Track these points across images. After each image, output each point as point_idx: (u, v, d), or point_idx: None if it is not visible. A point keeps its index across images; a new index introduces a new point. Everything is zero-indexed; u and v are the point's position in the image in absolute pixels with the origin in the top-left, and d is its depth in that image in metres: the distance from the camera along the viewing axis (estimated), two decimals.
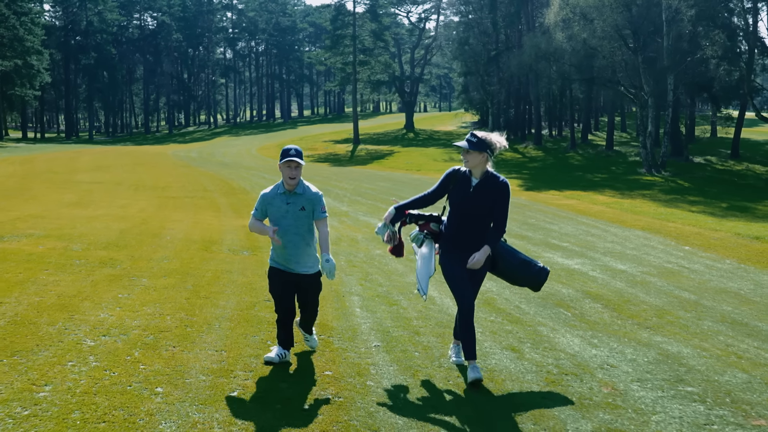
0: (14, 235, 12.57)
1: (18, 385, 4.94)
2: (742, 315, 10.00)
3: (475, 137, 5.94)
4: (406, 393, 5.45)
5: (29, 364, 5.41)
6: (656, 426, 5.10)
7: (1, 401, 4.65)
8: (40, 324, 6.50)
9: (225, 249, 12.39)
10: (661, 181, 42.25)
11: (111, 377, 5.23)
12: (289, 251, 5.97)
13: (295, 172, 5.95)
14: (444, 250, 6.07)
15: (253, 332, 6.75)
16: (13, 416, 4.44)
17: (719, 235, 19.65)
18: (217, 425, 4.51)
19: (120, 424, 4.41)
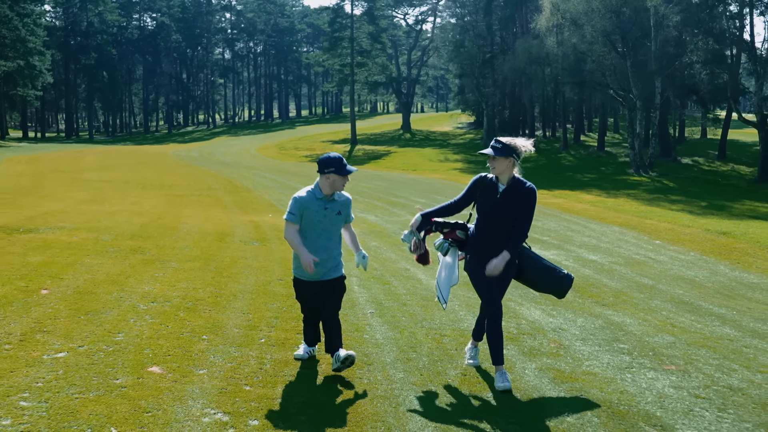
0: (48, 227, 14.07)
1: (99, 333, 6.47)
2: (690, 297, 11.51)
3: (500, 143, 5.93)
4: (394, 342, 6.95)
5: (101, 319, 6.95)
6: (586, 367, 6.61)
7: (89, 342, 6.17)
8: (99, 293, 8.03)
9: (237, 240, 13.87)
10: (648, 181, 43.84)
11: (167, 329, 6.76)
12: (324, 254, 6.08)
13: (346, 182, 6.11)
14: (471, 257, 6.13)
15: (271, 301, 8.28)
16: (100, 351, 5.96)
17: (690, 230, 21.21)
18: (252, 359, 6.04)
19: (181, 357, 5.94)
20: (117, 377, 5.33)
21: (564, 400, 5.60)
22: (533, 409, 5.38)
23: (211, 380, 5.43)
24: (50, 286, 8.31)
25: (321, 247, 6.07)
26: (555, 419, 5.18)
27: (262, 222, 17.39)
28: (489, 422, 5.08)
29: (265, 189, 29.05)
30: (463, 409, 5.29)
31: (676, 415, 5.47)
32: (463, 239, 6.23)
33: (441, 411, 5.22)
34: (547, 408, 5.41)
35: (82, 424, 4.43)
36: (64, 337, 6.28)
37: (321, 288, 6.10)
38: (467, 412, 5.24)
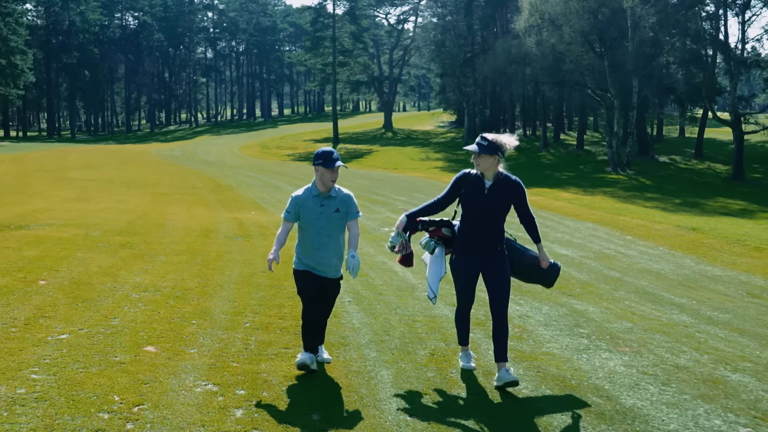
0: (38, 224, 14.54)
1: (96, 318, 7.02)
2: (654, 288, 12.14)
3: (486, 140, 5.93)
4: (369, 327, 7.52)
5: (98, 306, 7.49)
6: (546, 349, 7.19)
7: (88, 326, 6.72)
8: (93, 284, 8.56)
9: (221, 236, 14.39)
10: (625, 179, 44.63)
11: (158, 315, 7.31)
12: (322, 253, 6.07)
13: (337, 175, 6.10)
14: (458, 254, 6.14)
15: (255, 291, 8.83)
16: (99, 333, 6.50)
17: (661, 227, 21.91)
18: (238, 341, 6.59)
19: (173, 338, 6.49)
20: (116, 355, 5.88)
21: (522, 376, 6.18)
22: (491, 381, 5.96)
23: (201, 358, 5.99)
24: (47, 277, 8.84)
25: (323, 245, 6.07)
26: (511, 391, 5.76)
27: (246, 219, 17.90)
28: (450, 392, 5.65)
29: (248, 187, 29.53)
30: (428, 382, 5.86)
31: (623, 388, 6.06)
32: (449, 237, 6.28)
33: (408, 383, 5.79)
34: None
35: (88, 393, 4.98)
36: (64, 321, 6.83)
37: (319, 283, 6.11)
38: (432, 384, 5.82)
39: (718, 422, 5.39)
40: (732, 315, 10.38)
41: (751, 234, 20.94)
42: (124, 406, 4.82)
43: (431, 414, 5.16)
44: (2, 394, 4.90)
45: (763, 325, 9.86)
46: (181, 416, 4.72)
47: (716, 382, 6.45)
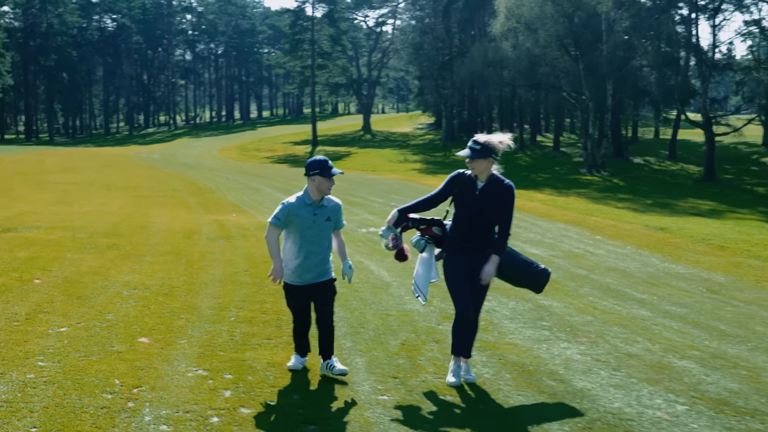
0: (25, 227, 15.00)
1: (92, 313, 7.56)
2: (618, 285, 12.77)
3: (478, 144, 5.96)
4: (345, 320, 8.08)
5: (92, 303, 8.03)
6: (509, 339, 7.79)
7: (85, 320, 7.26)
8: (86, 282, 9.08)
9: (204, 237, 14.90)
10: (599, 180, 45.45)
11: (149, 310, 7.85)
12: (312, 260, 6.11)
13: (333, 185, 6.14)
14: (448, 254, 6.17)
15: (238, 288, 9.38)
16: (96, 326, 7.04)
17: (631, 227, 22.61)
18: (224, 332, 7.15)
19: (164, 331, 7.04)
20: (113, 345, 6.43)
21: (484, 362, 6.77)
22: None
23: (191, 347, 6.55)
24: (41, 276, 9.35)
25: (312, 253, 6.11)
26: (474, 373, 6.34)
27: (227, 221, 18.39)
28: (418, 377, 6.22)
29: (228, 190, 29.97)
30: (398, 368, 6.44)
31: (576, 373, 6.66)
32: (440, 236, 6.27)
33: (380, 369, 6.36)
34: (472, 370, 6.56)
35: (91, 377, 5.53)
36: (62, 316, 7.37)
37: (311, 292, 6.17)
38: (401, 369, 6.39)
39: (659, 401, 6.00)
40: (689, 309, 11.02)
41: (717, 233, 21.68)
42: (124, 388, 5.37)
43: (399, 393, 5.74)
44: (14, 379, 5.45)
45: (717, 319, 10.50)
46: (175, 396, 5.28)
47: (663, 368, 7.06)
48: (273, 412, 5.17)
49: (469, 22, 72.88)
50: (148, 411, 4.98)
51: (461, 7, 72.60)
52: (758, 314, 11.57)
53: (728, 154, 59.25)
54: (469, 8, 71.22)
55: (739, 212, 31.26)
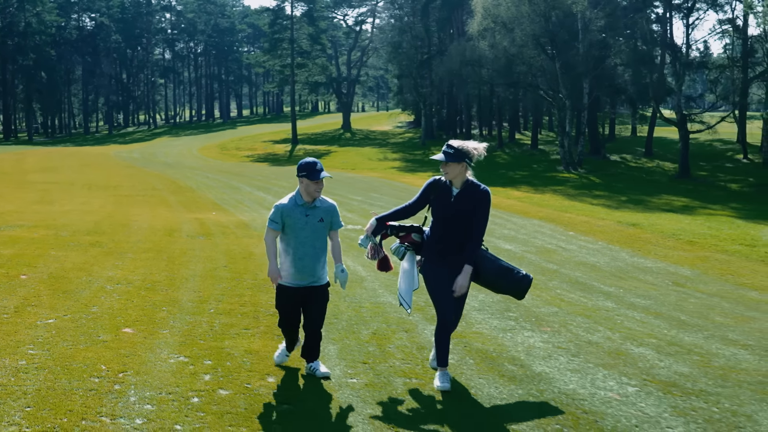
0: (8, 225, 15.28)
1: (77, 306, 7.91)
2: (586, 278, 13.23)
3: (452, 148, 5.97)
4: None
5: (77, 296, 8.38)
6: (476, 329, 8.20)
7: (71, 313, 7.62)
8: (70, 278, 9.42)
9: (184, 235, 15.24)
10: (576, 177, 46.07)
11: (132, 303, 8.21)
12: (305, 263, 6.08)
13: (322, 187, 6.11)
14: (427, 261, 6.17)
15: (218, 283, 9.74)
16: (82, 318, 7.39)
17: (604, 223, 23.14)
18: (204, 323, 7.52)
19: (147, 322, 7.41)
20: (99, 335, 6.80)
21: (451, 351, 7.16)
22: (425, 354, 6.95)
23: (172, 336, 6.92)
24: (27, 272, 9.68)
25: (306, 255, 6.08)
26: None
27: (207, 219, 18.73)
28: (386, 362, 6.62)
29: (209, 189, 30.27)
30: (369, 354, 6.83)
31: (537, 358, 7.09)
32: (419, 242, 6.28)
33: (351, 355, 6.75)
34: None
35: (79, 363, 5.90)
36: (49, 309, 7.72)
37: (303, 295, 6.14)
38: (371, 356, 6.78)
39: (611, 383, 6.42)
40: (653, 301, 11.49)
41: (687, 229, 22.26)
42: (111, 373, 5.74)
43: (368, 376, 6.14)
44: (7, 365, 5.81)
45: (679, 310, 10.97)
46: (159, 380, 5.65)
47: (620, 354, 7.49)
48: (249, 393, 5.55)
49: (447, 20, 73.41)
50: (133, 392, 5.35)
51: (440, 5, 73.10)
52: (719, 305, 12.07)
53: (704, 152, 60.06)
54: (447, 7, 71.75)
55: (711, 208, 31.89)
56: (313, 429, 5.07)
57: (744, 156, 56.55)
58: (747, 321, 10.73)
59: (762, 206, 33.69)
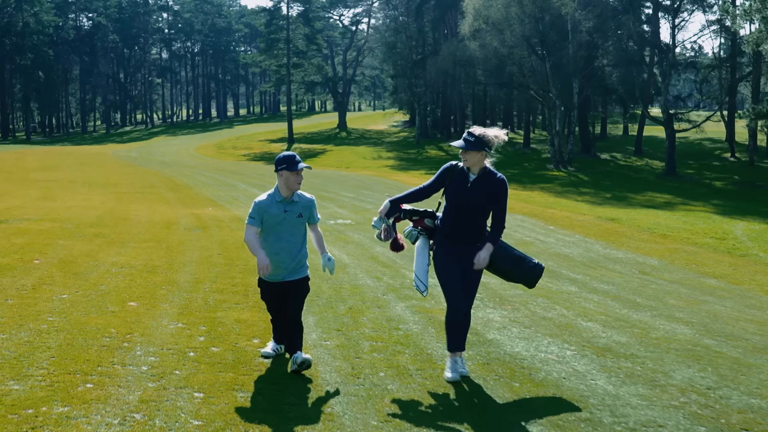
0: (16, 219, 16.24)
1: (87, 285, 8.90)
2: (557, 267, 14.19)
3: (473, 136, 5.99)
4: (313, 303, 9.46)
5: (86, 277, 9.37)
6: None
7: (82, 290, 8.61)
8: (79, 262, 10.40)
9: (182, 228, 16.20)
10: (564, 175, 47.10)
11: (136, 283, 9.20)
12: (283, 258, 6.16)
13: (301, 179, 6.18)
14: (438, 246, 6.22)
15: (212, 267, 10.74)
16: (92, 294, 8.38)
17: (584, 218, 24.15)
18: (199, 299, 8.50)
19: (149, 298, 8.41)
20: (108, 307, 7.79)
21: (416, 322, 8.15)
22: (393, 324, 7.93)
23: (171, 309, 7.92)
24: (39, 258, 10.67)
25: (282, 250, 6.17)
26: (405, 330, 7.72)
27: (203, 214, 19.69)
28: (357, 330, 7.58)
29: (205, 186, 31.22)
30: (344, 325, 7.80)
31: (492, 329, 8.06)
32: (432, 228, 6.32)
33: (328, 325, 7.73)
34: (403, 326, 7.93)
35: (92, 327, 6.91)
36: (62, 287, 8.70)
37: (284, 289, 6.24)
38: (345, 325, 7.76)
39: (553, 348, 7.40)
40: (615, 287, 12.48)
41: (662, 223, 23.28)
42: (119, 334, 6.75)
43: (340, 340, 7.13)
44: (31, 328, 6.82)
45: (637, 294, 11.96)
46: (160, 340, 6.66)
47: (568, 327, 8.47)
48: (237, 350, 6.54)
49: (441, 21, 74.41)
50: (139, 348, 6.36)
51: (433, 6, 74.09)
52: (677, 291, 13.07)
53: (693, 150, 61.15)
54: (440, 8, 72.78)
55: (692, 204, 32.95)
56: (287, 371, 6.08)
57: (731, 155, 57.64)
58: (698, 304, 11.72)
59: (742, 203, 34.78)
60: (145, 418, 4.76)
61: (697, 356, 7.52)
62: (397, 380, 6.00)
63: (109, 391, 5.19)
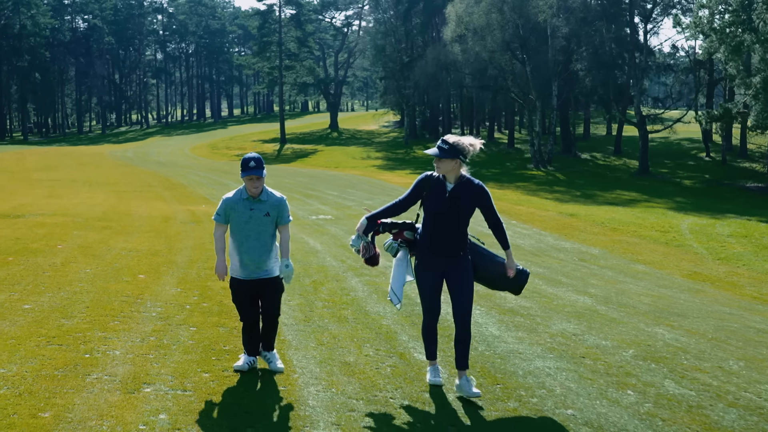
0: (31, 214, 18.41)
1: (104, 263, 11.12)
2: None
3: (447, 144, 5.88)
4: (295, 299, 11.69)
5: (102, 258, 11.59)
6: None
7: (101, 267, 10.80)
8: (94, 247, 12.62)
9: (178, 221, 18.36)
10: (543, 174, 49.38)
11: (143, 262, 11.41)
12: (250, 257, 6.13)
13: (257, 184, 6.08)
14: (419, 258, 6.14)
15: (206, 252, 12.94)
16: (109, 269, 10.57)
17: (547, 213, 26.33)
18: (194, 273, 10.70)
19: (154, 272, 10.62)
20: (123, 278, 10.01)
21: (364, 291, 10.33)
22: (345, 292, 10.11)
23: (171, 279, 10.14)
24: (62, 243, 12.86)
25: (249, 249, 6.14)
26: (353, 296, 9.89)
27: (197, 210, 21.84)
28: (317, 295, 9.77)
29: (200, 185, 33.33)
30: (305, 292, 9.99)
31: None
32: (412, 240, 6.23)
33: (292, 291, 9.91)
34: (353, 293, 10.10)
35: (112, 291, 9.14)
36: (85, 264, 10.91)
37: (254, 287, 6.25)
38: (307, 292, 9.95)
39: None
40: (549, 270, 14.63)
41: (616, 218, 25.49)
42: (133, 295, 8.98)
43: (300, 301, 9.33)
44: (68, 290, 9.07)
45: (565, 276, 14.13)
46: (164, 298, 8.89)
47: (486, 296, 10.59)
48: (222, 305, 8.74)
49: (428, 25, 76.60)
50: (149, 303, 8.59)
51: (421, 10, 76.26)
52: (604, 274, 15.26)
53: (671, 150, 63.44)
54: (427, 12, 74.98)
55: (655, 201, 35.21)
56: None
57: (707, 154, 59.90)
58: (615, 284, 13.90)
59: (703, 200, 37.05)
60: (156, 339, 7.03)
61: (580, 316, 9.70)
62: (336, 324, 8.22)
63: (131, 326, 7.46)
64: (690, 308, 11.66)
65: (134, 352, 6.63)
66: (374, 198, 29.43)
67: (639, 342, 8.50)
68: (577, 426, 5.65)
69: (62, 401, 5.34)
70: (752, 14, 31.24)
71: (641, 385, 6.77)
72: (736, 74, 33.69)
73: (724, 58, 33.93)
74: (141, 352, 6.65)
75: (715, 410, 6.22)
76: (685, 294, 13.64)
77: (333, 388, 6.05)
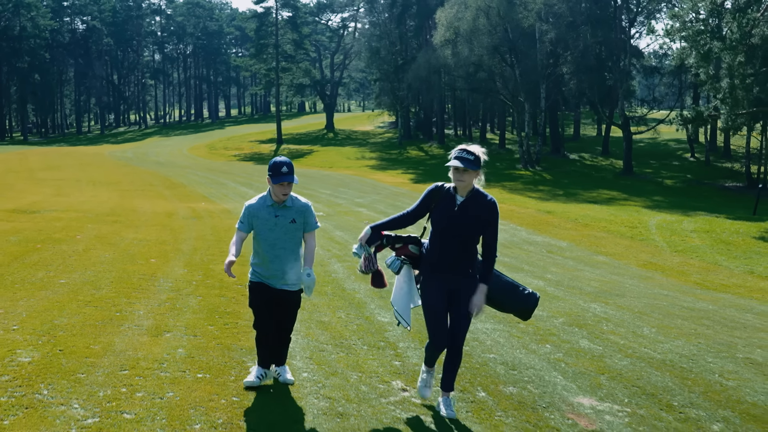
0: (45, 210, 20.05)
1: (119, 250, 12.77)
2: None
3: (472, 155, 5.49)
4: None
5: (118, 246, 13.25)
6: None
7: (117, 252, 12.47)
8: (109, 237, 14.28)
9: (180, 217, 20.03)
10: (530, 174, 51.04)
11: (153, 250, 13.07)
12: (276, 266, 5.86)
13: (288, 190, 5.80)
14: (425, 276, 5.75)
15: (206, 242, 14.62)
16: (124, 255, 12.22)
17: (526, 211, 27.97)
18: (198, 259, 12.37)
19: (163, 258, 12.28)
20: (137, 261, 11.68)
21: (345, 273, 11.98)
22: (327, 274, 11.76)
23: (179, 263, 11.80)
24: (80, 234, 14.52)
25: (275, 257, 5.85)
26: (334, 277, 11.55)
27: (197, 207, 23.50)
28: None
29: (198, 184, 34.99)
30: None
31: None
32: (417, 255, 5.87)
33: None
34: (334, 275, 11.75)
35: (130, 272, 10.80)
36: (103, 251, 12.58)
37: (274, 296, 5.94)
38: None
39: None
40: (515, 259, 16.31)
41: (590, 215, 27.15)
42: (147, 274, 10.64)
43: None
44: (93, 270, 10.72)
45: (529, 264, 15.80)
46: (173, 276, 10.55)
47: None
48: (224, 283, 10.39)
49: (421, 28, 78.26)
50: (162, 280, 10.26)
51: (415, 13, 77.89)
52: (565, 263, 16.93)
53: (658, 150, 65.12)
54: (420, 16, 76.64)
55: (633, 200, 36.90)
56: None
57: (692, 155, 61.60)
58: (573, 271, 15.57)
59: (680, 199, 38.74)
60: (171, 304, 8.75)
61: None
62: (317, 296, 9.89)
63: (149, 295, 9.17)
64: (631, 290, 13.34)
65: (154, 312, 8.32)
66: (365, 196, 31.12)
67: (571, 313, 10.19)
68: (495, 365, 7.33)
69: (106, 340, 7.06)
70: (722, 22, 32.96)
71: (558, 342, 8.46)
72: (706, 80, 35.40)
73: (695, 65, 35.63)
74: (160, 311, 8.35)
75: (613, 359, 7.90)
76: (634, 280, 15.31)
77: (309, 337, 7.75)
